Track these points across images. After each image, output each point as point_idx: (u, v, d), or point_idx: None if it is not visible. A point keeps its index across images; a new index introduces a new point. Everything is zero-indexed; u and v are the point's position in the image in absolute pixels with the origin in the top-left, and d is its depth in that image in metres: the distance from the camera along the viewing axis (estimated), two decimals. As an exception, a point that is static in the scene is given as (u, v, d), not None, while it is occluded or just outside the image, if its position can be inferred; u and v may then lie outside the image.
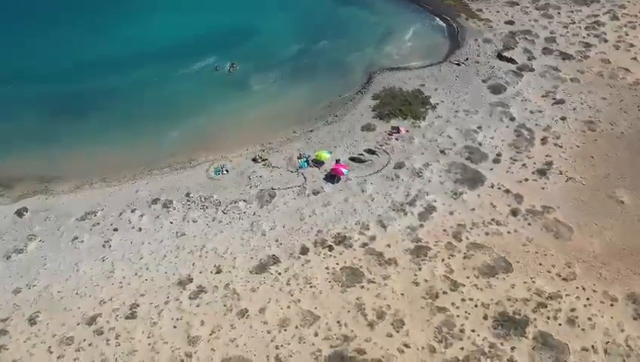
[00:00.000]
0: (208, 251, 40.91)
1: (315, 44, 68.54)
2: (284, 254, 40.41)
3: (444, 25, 73.62)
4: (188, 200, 45.57)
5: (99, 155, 50.74)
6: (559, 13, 74.38)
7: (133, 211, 44.58)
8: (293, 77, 62.32)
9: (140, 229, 42.94)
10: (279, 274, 38.93)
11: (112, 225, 43.40)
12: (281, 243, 41.35)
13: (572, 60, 63.30)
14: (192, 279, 38.76)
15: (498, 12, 75.65)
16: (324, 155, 49.10)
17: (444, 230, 42.00)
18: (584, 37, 68.03)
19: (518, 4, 77.36)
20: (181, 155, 51.03)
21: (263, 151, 51.33)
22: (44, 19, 73.94)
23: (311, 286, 37.83)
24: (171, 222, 43.52)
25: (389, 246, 40.74)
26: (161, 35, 69.61)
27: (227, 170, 48.72)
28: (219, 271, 39.30)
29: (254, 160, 49.89)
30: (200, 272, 39.30)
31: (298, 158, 49.65)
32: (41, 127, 54.05)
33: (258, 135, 53.34)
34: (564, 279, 37.80)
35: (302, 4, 79.51)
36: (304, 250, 40.59)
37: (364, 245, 40.88)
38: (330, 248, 40.69)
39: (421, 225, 42.44)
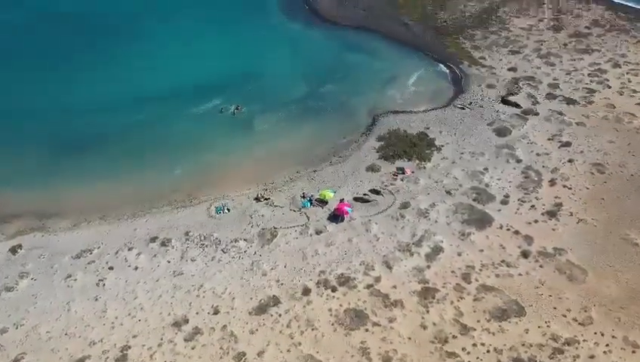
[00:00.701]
0: (206, 291, 39.21)
1: (321, 87, 69.24)
2: (285, 295, 38.65)
3: (448, 71, 74.56)
4: (187, 239, 44.27)
5: (98, 193, 50.00)
6: (561, 61, 75.45)
7: (130, 249, 43.24)
8: (298, 119, 62.43)
9: (137, 268, 41.43)
10: (279, 315, 37.05)
11: (107, 263, 41.96)
12: (282, 284, 39.66)
13: (576, 105, 63.31)
14: (188, 320, 36.89)
15: (501, 60, 76.83)
16: (328, 194, 48.13)
17: (453, 271, 40.32)
18: (587, 83, 68.46)
19: (520, 53, 78.73)
20: (182, 194, 50.24)
21: (266, 190, 50.45)
22: (52, 58, 76.27)
23: (313, 329, 35.87)
24: (169, 261, 42.05)
25: (394, 287, 38.99)
26: (168, 78, 70.95)
27: (228, 209, 47.68)
28: (216, 312, 37.45)
29: (256, 199, 48.95)
30: (196, 313, 37.46)
31: (301, 198, 48.70)
32: (42, 164, 53.74)
33: (261, 174, 52.68)
34: (580, 324, 35.75)
35: (308, 50, 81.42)
36: (306, 291, 38.85)
37: (369, 286, 39.14)
38: (334, 289, 38.96)
39: (428, 266, 40.81)
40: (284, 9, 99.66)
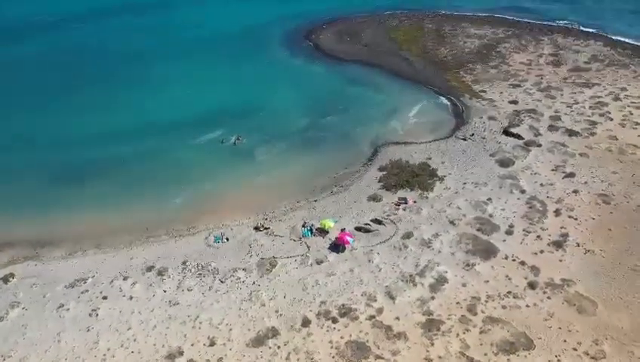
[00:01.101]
0: (202, 322, 37.77)
1: (322, 119, 69.52)
2: (285, 326, 37.20)
3: (449, 103, 75.04)
4: (184, 268, 43.11)
5: (95, 222, 49.13)
6: (562, 94, 75.91)
7: (125, 279, 42.03)
8: (299, 149, 62.22)
9: (131, 298, 40.13)
10: (278, 347, 35.51)
11: (101, 293, 40.67)
12: (281, 314, 38.27)
13: (579, 137, 63.10)
14: (183, 352, 35.35)
15: (502, 93, 77.34)
16: (329, 224, 47.22)
17: (458, 302, 38.93)
18: (589, 116, 68.54)
19: (520, 86, 79.37)
20: (180, 223, 49.35)
21: (266, 219, 49.56)
22: (55, 90, 78.16)
23: (312, 362, 34.29)
24: (165, 291, 40.78)
25: (398, 319, 37.55)
26: (170, 110, 71.99)
27: (227, 238, 46.72)
28: (212, 344, 35.93)
29: (256, 228, 48.04)
30: (192, 344, 35.94)
31: (302, 227, 47.75)
32: (39, 193, 53.13)
33: (261, 204, 51.94)
34: (592, 358, 34.15)
35: (310, 83, 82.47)
36: (306, 322, 37.42)
37: (371, 317, 37.71)
38: (335, 320, 37.52)
39: (432, 298, 39.46)
40: (286, 45, 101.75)
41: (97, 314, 38.56)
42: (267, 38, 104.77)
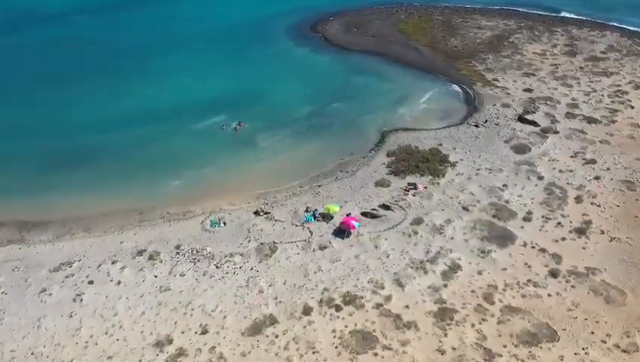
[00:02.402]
0: (195, 308, 34.78)
1: (327, 106, 66.50)
2: (284, 314, 34.13)
3: (460, 91, 71.79)
4: (177, 253, 40.18)
5: (87, 205, 46.35)
6: (579, 83, 72.60)
7: (113, 263, 39.14)
8: (303, 135, 59.23)
9: (119, 282, 37.21)
10: (276, 336, 32.44)
11: (87, 277, 37.79)
12: (280, 302, 35.20)
13: (598, 124, 59.86)
14: (172, 340, 32.36)
15: (515, 81, 74.07)
16: (334, 208, 44.22)
17: (473, 291, 35.70)
18: (608, 103, 65.26)
19: (534, 75, 76.04)
20: (176, 207, 46.48)
21: (267, 204, 46.61)
22: (53, 77, 75.65)
23: (314, 352, 31.20)
24: (156, 276, 37.84)
25: (407, 307, 34.38)
26: (170, 97, 69.47)
27: (225, 223, 43.79)
28: (205, 332, 32.91)
29: (256, 213, 45.08)
30: (182, 332, 32.95)
31: (305, 212, 44.72)
32: (31, 176, 50.44)
33: (262, 189, 49.04)
34: (624, 351, 30.86)
35: (315, 71, 79.58)
36: (307, 310, 34.32)
37: (379, 306, 34.56)
38: (338, 308, 34.39)
39: (445, 285, 36.24)
40: (291, 36, 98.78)
41: (82, 300, 35.68)
42: (272, 30, 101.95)
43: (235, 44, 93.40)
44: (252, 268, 38.42)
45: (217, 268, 38.50)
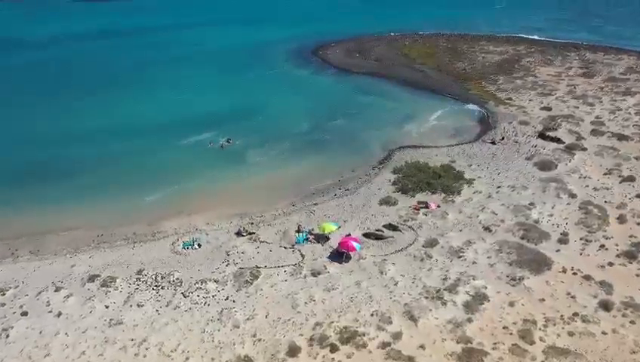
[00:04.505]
0: (150, 347, 27.12)
1: (327, 122, 60.80)
2: (263, 356, 26.41)
3: (472, 109, 65.91)
4: (138, 279, 32.77)
5: (42, 222, 39.51)
6: (601, 102, 66.96)
7: (57, 290, 31.73)
8: (299, 152, 52.84)
9: (60, 314, 29.70)
10: (251, 385, 24.67)
11: (21, 307, 30.30)
12: (259, 340, 27.53)
13: (630, 141, 53.36)
14: (115, 389, 24.60)
15: (531, 100, 68.37)
16: (330, 227, 37.01)
17: (505, 327, 27.98)
18: (637, 121, 58.84)
19: (551, 95, 70.49)
20: (145, 226, 39.42)
21: (251, 224, 39.47)
22: (46, 94, 73.32)
23: (300, 408, 23.35)
24: (107, 307, 30.34)
25: (422, 347, 26.64)
26: (160, 113, 65.68)
27: (199, 244, 36.57)
28: (158, 379, 25.19)
29: (238, 233, 37.88)
30: (130, 379, 25.23)
31: (296, 232, 37.52)
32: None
33: (248, 208, 42.05)
34: None
35: (316, 91, 75.48)
36: (293, 351, 26.61)
37: (385, 345, 26.84)
38: (334, 348, 26.67)
39: (469, 320, 28.56)
40: (292, 59, 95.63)
41: (8, 336, 28.05)
42: (272, 54, 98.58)
43: (233, 65, 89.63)
44: (228, 298, 30.91)
45: (185, 297, 31.01)
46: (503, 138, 55.11)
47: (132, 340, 27.65)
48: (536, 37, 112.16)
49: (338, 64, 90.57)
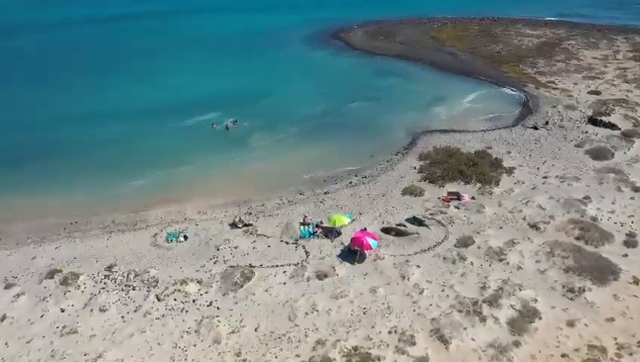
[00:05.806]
0: (105, 365, 21.34)
1: (345, 105, 54.37)
2: (247, 382, 20.35)
3: (510, 92, 58.64)
4: (106, 276, 27.07)
5: (7, 207, 34.10)
6: (658, 86, 58.46)
7: (8, 287, 26.34)
8: (312, 135, 46.67)
9: (4, 318, 24.20)
10: (227, 423, 18.63)
11: (-41, 308, 24.92)
12: (244, 360, 21.44)
13: (702, 129, 45.37)
14: (52, 422, 18.87)
15: (576, 84, 60.56)
16: (342, 220, 30.72)
17: (565, 355, 21.30)
18: None
19: (599, 78, 62.55)
20: (127, 214, 33.98)
21: (249, 214, 33.47)
22: (47, 76, 68.84)
23: None
24: (62, 310, 24.73)
25: (455, 379, 20.17)
26: (163, 95, 59.92)
27: (186, 236, 30.78)
28: (110, 408, 19.37)
29: (233, 224, 31.92)
30: (73, 407, 19.48)
31: (300, 224, 31.32)
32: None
33: (247, 196, 36.16)
34: None
35: (336, 72, 69.28)
36: (286, 377, 20.47)
37: (406, 374, 20.47)
38: (339, 376, 20.44)
39: (516, 343, 21.96)
40: (311, 42, 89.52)
41: None
42: (290, 36, 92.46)
43: (247, 48, 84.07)
44: (211, 304, 24.94)
45: (159, 300, 25.19)
46: (547, 123, 47.92)
47: (85, 355, 21.94)
48: (576, 20, 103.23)
49: (360, 46, 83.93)
